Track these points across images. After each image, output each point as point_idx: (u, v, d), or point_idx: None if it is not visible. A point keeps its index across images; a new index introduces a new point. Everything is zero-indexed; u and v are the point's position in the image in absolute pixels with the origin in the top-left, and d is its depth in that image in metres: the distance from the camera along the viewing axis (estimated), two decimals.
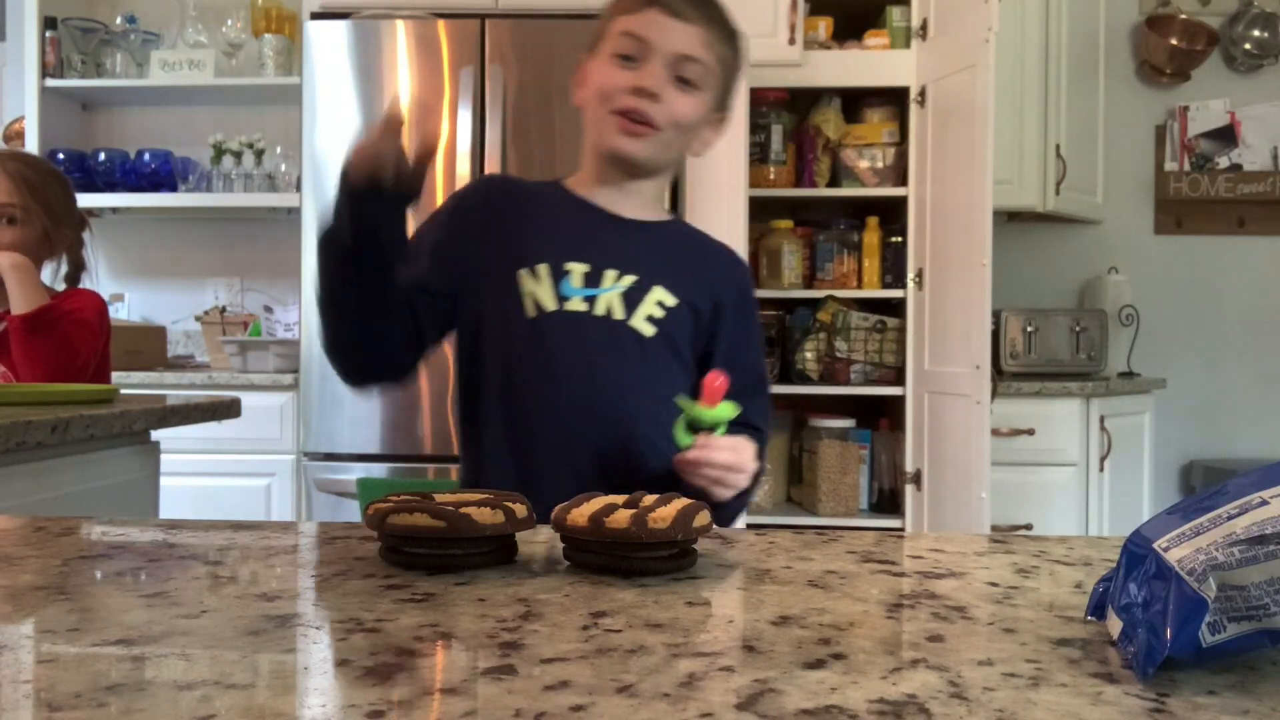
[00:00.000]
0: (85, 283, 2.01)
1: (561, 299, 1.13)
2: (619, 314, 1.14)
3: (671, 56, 1.11)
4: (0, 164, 1.85)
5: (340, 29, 2.71)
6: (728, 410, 1.03)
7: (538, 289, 1.13)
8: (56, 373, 1.76)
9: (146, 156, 3.26)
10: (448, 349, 1.18)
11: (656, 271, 1.16)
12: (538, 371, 1.12)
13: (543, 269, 1.13)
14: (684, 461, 1.04)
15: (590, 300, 1.13)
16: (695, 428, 1.03)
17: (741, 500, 1.13)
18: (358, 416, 2.70)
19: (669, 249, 1.20)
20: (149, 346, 3.14)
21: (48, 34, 3.22)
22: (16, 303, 1.75)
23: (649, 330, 1.14)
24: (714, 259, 1.24)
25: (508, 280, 1.13)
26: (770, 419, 1.26)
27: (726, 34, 1.16)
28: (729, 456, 1.04)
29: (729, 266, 1.25)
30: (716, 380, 1.02)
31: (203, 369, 3.16)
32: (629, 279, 1.15)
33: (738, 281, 1.25)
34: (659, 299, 1.15)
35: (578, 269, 1.14)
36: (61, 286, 1.98)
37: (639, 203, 1.20)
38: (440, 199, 2.80)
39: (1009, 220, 3.34)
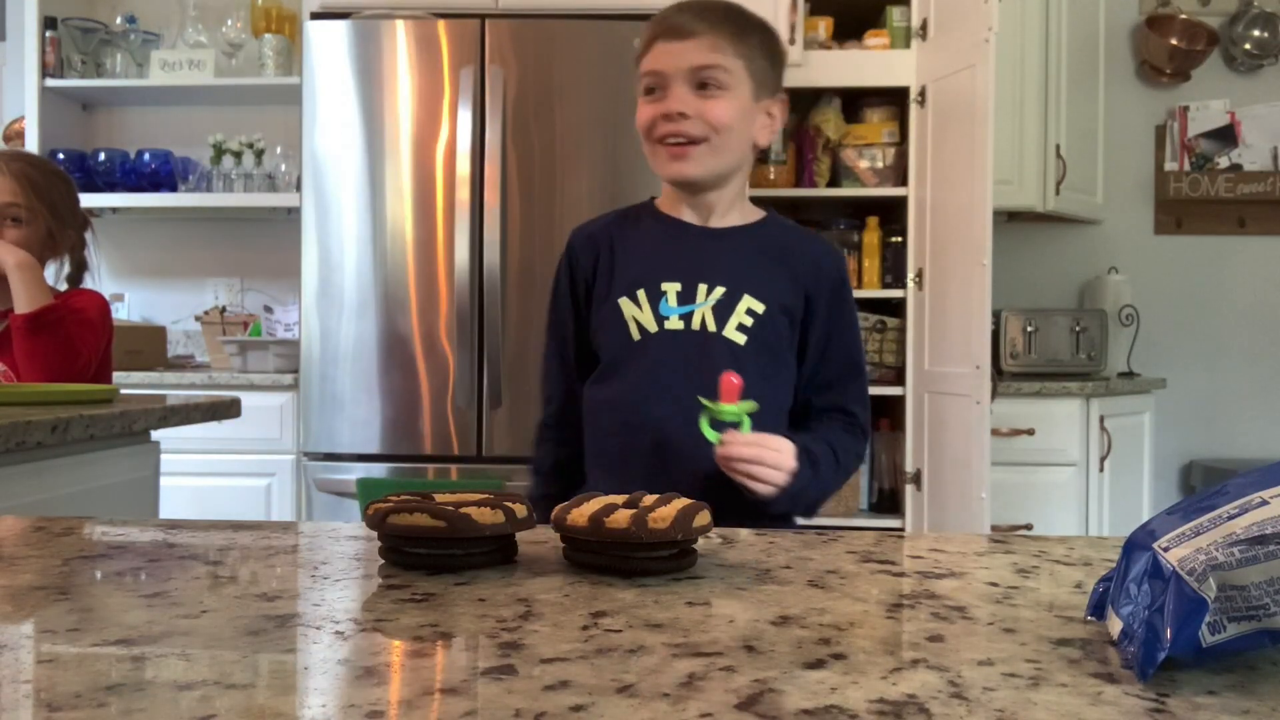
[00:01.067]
0: (88, 283, 2.01)
1: (661, 319, 1.21)
2: (712, 326, 1.20)
3: (686, 74, 1.16)
4: (4, 164, 1.85)
5: (340, 29, 2.72)
6: (746, 406, 1.07)
7: (639, 314, 1.21)
8: (58, 372, 1.76)
9: (146, 156, 3.26)
10: (446, 345, 1.23)
11: (743, 279, 1.21)
12: (647, 387, 1.20)
13: (641, 294, 1.22)
14: (717, 459, 1.09)
15: (686, 317, 1.20)
16: (718, 425, 1.08)
17: (811, 493, 1.18)
18: (358, 416, 2.70)
19: (756, 253, 1.24)
20: (149, 346, 3.14)
21: (48, 34, 3.23)
22: (20, 302, 1.75)
23: (740, 339, 1.20)
24: (803, 254, 1.27)
25: (613, 310, 1.22)
26: (867, 404, 1.31)
27: (737, 28, 1.19)
28: (752, 451, 1.08)
29: (820, 259, 1.28)
30: (732, 379, 1.06)
31: (203, 369, 3.16)
32: (719, 291, 1.20)
33: (830, 273, 1.27)
34: (748, 307, 1.20)
35: (672, 288, 1.21)
36: (64, 287, 1.98)
37: (724, 209, 1.26)
38: (441, 198, 2.80)
39: (1009, 220, 3.34)
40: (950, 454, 2.65)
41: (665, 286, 1.21)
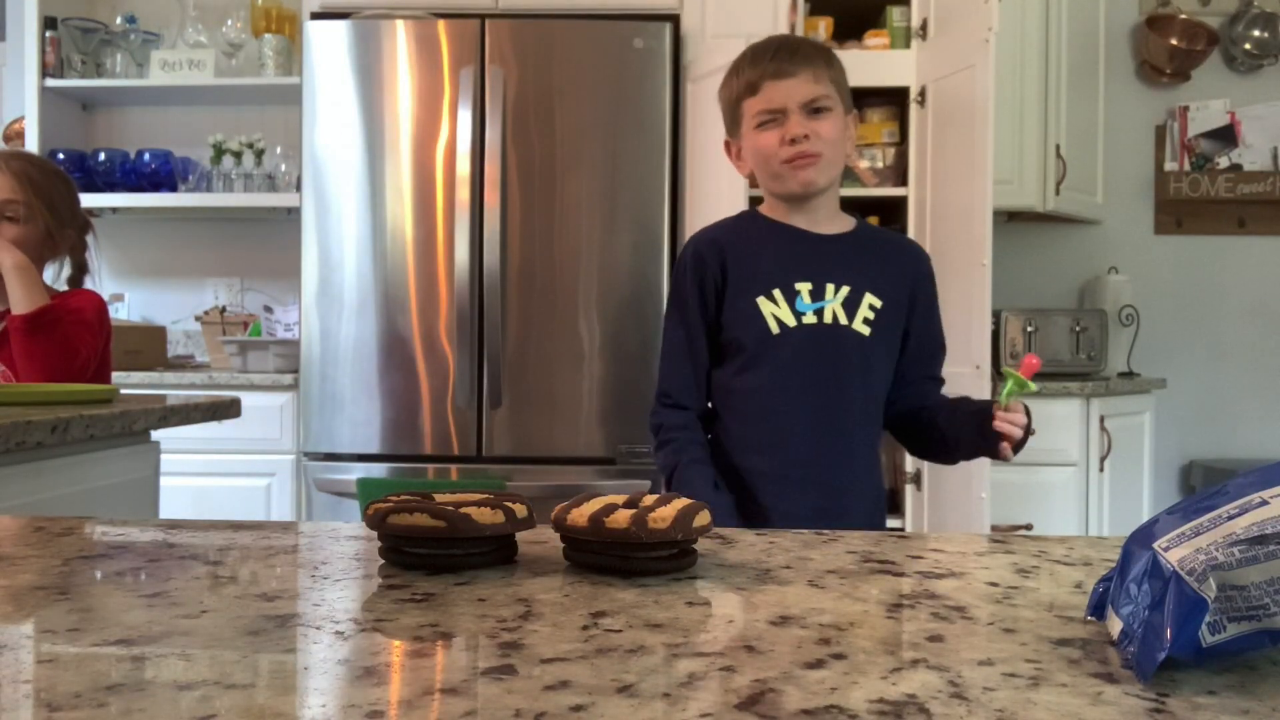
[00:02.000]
0: (88, 285, 2.01)
1: (798, 314, 1.39)
2: (843, 320, 1.40)
3: (800, 105, 1.37)
4: (4, 162, 1.86)
5: (340, 29, 2.72)
6: (1034, 384, 1.29)
7: (777, 310, 1.39)
8: (56, 372, 1.76)
9: (146, 156, 3.26)
10: (446, 345, 1.27)
11: (864, 279, 1.41)
12: (784, 376, 1.38)
13: (777, 292, 1.39)
14: (1003, 420, 1.30)
15: (819, 312, 1.39)
16: (1013, 391, 1.27)
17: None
18: (358, 416, 2.70)
19: (868, 255, 1.44)
20: (149, 346, 3.14)
21: (48, 34, 3.23)
22: (18, 302, 1.75)
23: (866, 330, 1.40)
24: (903, 255, 1.49)
25: (751, 307, 1.39)
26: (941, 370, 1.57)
27: (826, 59, 1.41)
28: (1023, 419, 1.32)
29: (916, 259, 1.51)
30: (1034, 360, 1.27)
31: (203, 369, 3.16)
32: (845, 289, 1.40)
33: (926, 270, 1.51)
34: (870, 302, 1.40)
35: (804, 287, 1.39)
36: (64, 287, 1.98)
37: (826, 216, 1.45)
38: (441, 198, 2.80)
39: (1009, 220, 3.34)
40: None
41: (798, 286, 1.39)
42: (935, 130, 2.76)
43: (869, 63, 2.91)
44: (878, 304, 1.41)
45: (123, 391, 1.73)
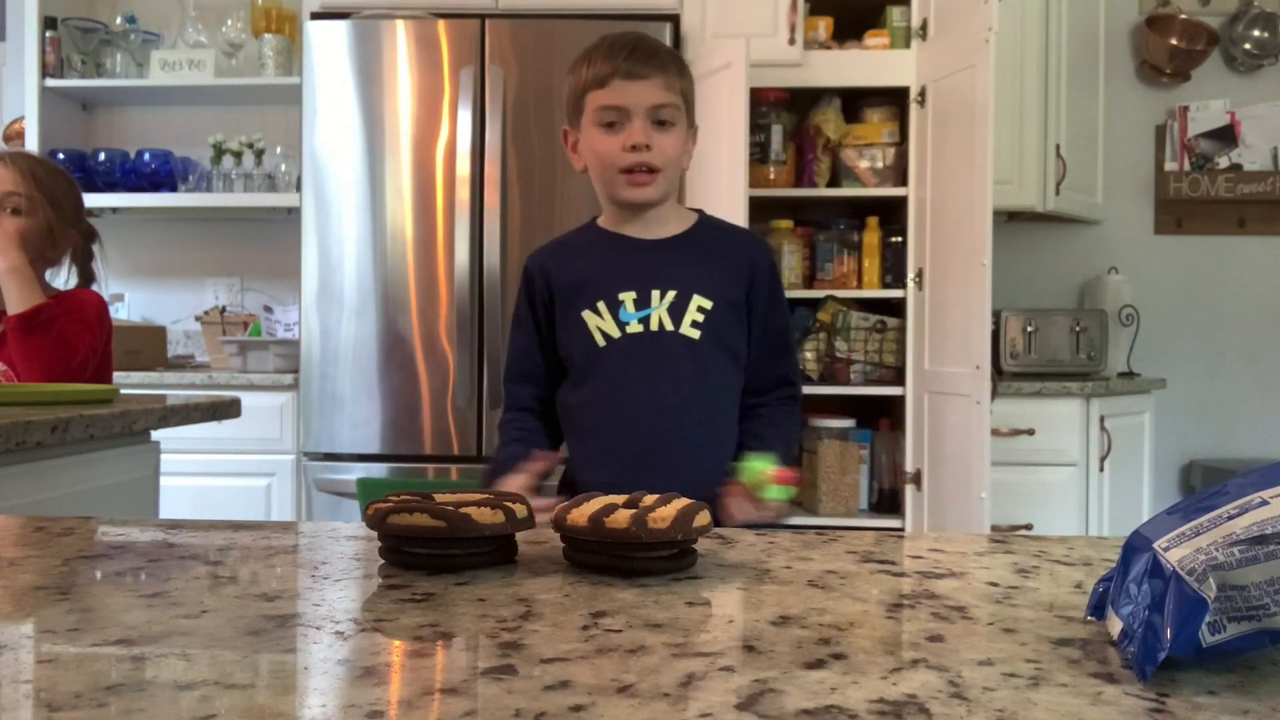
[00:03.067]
0: (92, 288, 2.02)
1: (622, 325, 1.36)
2: (669, 326, 1.36)
3: (646, 110, 1.33)
4: (10, 159, 1.89)
5: (340, 29, 2.72)
6: (787, 494, 1.27)
7: (601, 323, 1.37)
8: (54, 371, 1.76)
9: (146, 156, 3.26)
10: (446, 345, 1.29)
11: (691, 281, 1.38)
12: (614, 387, 1.36)
13: (601, 305, 1.37)
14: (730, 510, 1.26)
15: (644, 320, 1.36)
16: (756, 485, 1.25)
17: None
18: (358, 416, 2.70)
19: (699, 256, 1.41)
20: (149, 346, 3.14)
21: (48, 34, 3.23)
22: (12, 303, 1.76)
23: (695, 334, 1.36)
24: (739, 251, 1.44)
25: (578, 322, 1.38)
26: (799, 371, 1.54)
27: (679, 68, 1.39)
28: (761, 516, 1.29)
29: (753, 253, 1.45)
30: (787, 475, 1.25)
31: (203, 369, 3.16)
32: (671, 294, 1.37)
33: (759, 261, 1.44)
34: (698, 305, 1.37)
35: (628, 296, 1.37)
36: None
37: (660, 222, 1.42)
38: (441, 198, 2.79)
39: (1009, 220, 3.34)
40: (950, 454, 2.65)
41: (622, 296, 1.37)
42: (935, 130, 2.76)
43: (869, 63, 2.91)
44: (707, 305, 1.37)
45: (123, 391, 1.73)
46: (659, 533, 0.61)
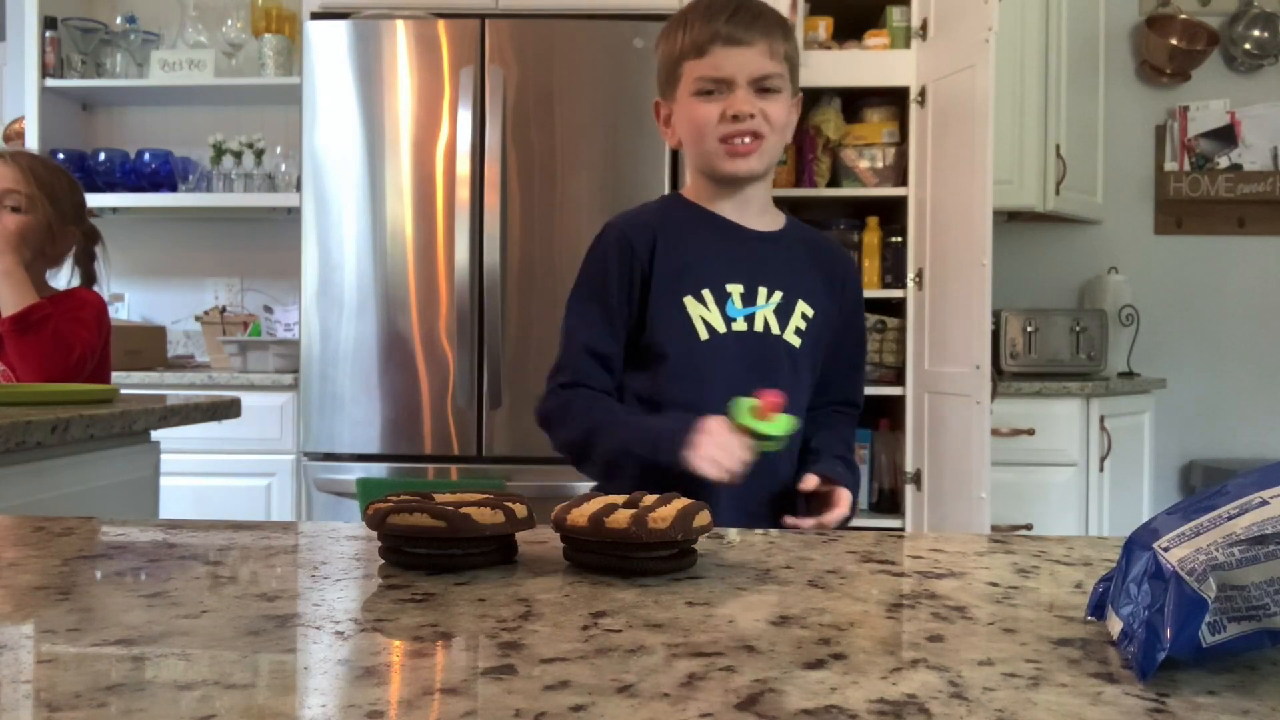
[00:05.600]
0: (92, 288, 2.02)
1: (728, 320, 1.25)
2: (775, 329, 1.27)
3: (750, 79, 1.21)
4: (11, 157, 1.90)
5: (340, 29, 2.72)
6: (786, 426, 1.13)
7: (706, 314, 1.24)
8: (50, 370, 1.77)
9: (146, 156, 3.26)
10: (446, 345, 1.22)
11: (797, 285, 1.29)
12: (713, 386, 1.22)
13: (707, 293, 1.25)
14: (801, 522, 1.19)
15: (749, 318, 1.26)
16: (754, 434, 1.12)
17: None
18: (358, 416, 2.70)
19: (800, 259, 1.32)
20: (149, 346, 3.14)
21: (48, 34, 3.22)
22: (6, 305, 1.77)
23: (797, 341, 1.28)
24: (836, 263, 1.37)
25: (676, 306, 1.24)
26: (863, 392, 1.45)
27: (784, 32, 1.25)
28: (840, 513, 1.21)
29: (847, 268, 1.39)
30: (775, 398, 1.11)
31: (203, 369, 3.16)
32: (778, 295, 1.27)
33: (854, 282, 1.40)
34: (803, 311, 1.28)
35: (736, 290, 1.26)
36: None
37: (759, 208, 1.31)
38: (441, 198, 2.79)
39: (1009, 220, 3.34)
40: (950, 454, 2.65)
41: (730, 288, 1.25)
42: (935, 130, 2.76)
43: (869, 63, 2.91)
44: (810, 313, 1.28)
45: (123, 391, 1.73)
46: (659, 533, 0.61)
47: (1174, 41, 3.44)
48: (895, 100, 2.95)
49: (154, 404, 1.60)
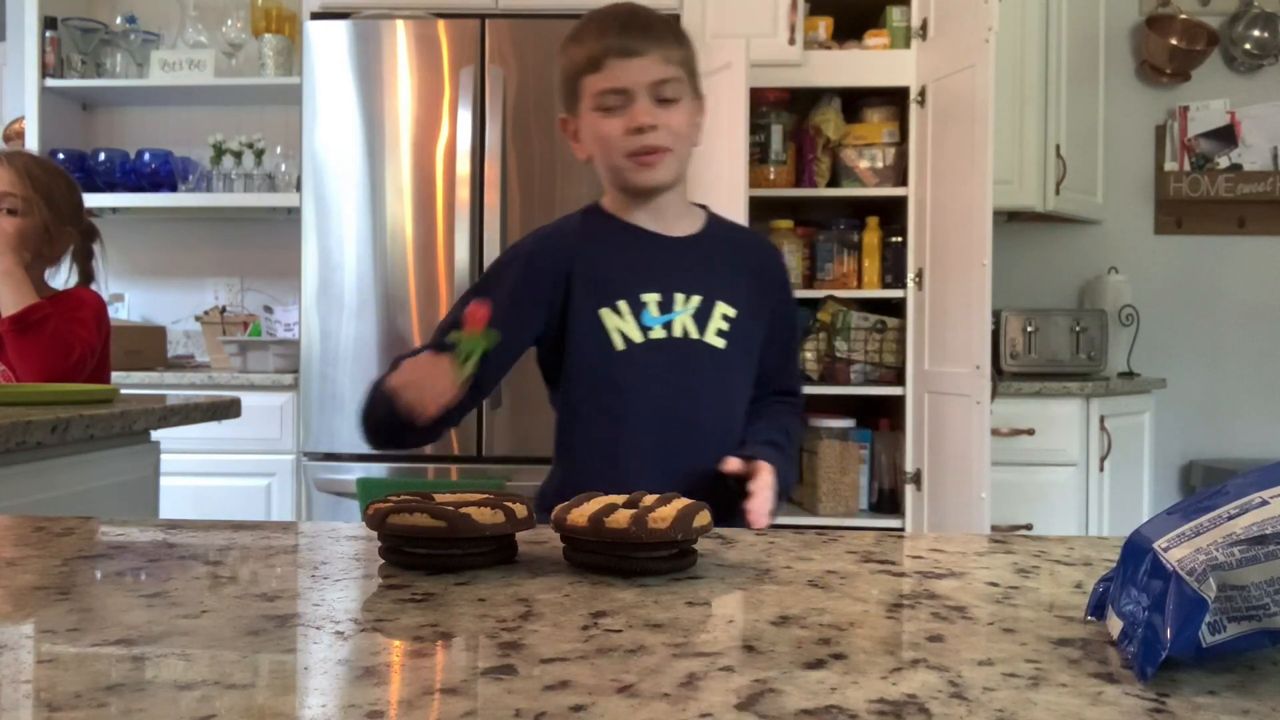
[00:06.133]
0: (91, 288, 2.02)
1: (645, 329, 1.26)
2: (694, 333, 1.27)
3: (648, 88, 1.23)
4: (7, 158, 1.90)
5: (340, 29, 2.72)
6: (488, 340, 1.07)
7: (622, 324, 1.26)
8: (50, 370, 1.77)
9: (146, 156, 3.26)
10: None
11: (715, 287, 1.29)
12: (635, 395, 1.25)
13: (623, 304, 1.26)
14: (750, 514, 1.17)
15: (668, 326, 1.26)
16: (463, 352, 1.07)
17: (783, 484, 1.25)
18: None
19: (719, 259, 1.32)
20: (149, 346, 3.14)
21: (48, 34, 3.22)
22: (6, 305, 1.77)
23: (720, 343, 1.28)
24: (758, 256, 1.37)
25: (592, 320, 1.26)
26: (800, 380, 1.47)
27: (677, 38, 1.27)
28: (764, 482, 1.19)
29: (771, 259, 1.40)
30: (478, 312, 1.06)
31: (203, 369, 3.16)
32: (695, 299, 1.28)
33: (780, 272, 1.39)
34: (723, 312, 1.28)
35: (652, 299, 1.26)
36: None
37: (674, 213, 1.32)
38: (441, 198, 2.78)
39: (1009, 220, 3.34)
40: (950, 454, 2.65)
41: (645, 297, 1.26)
42: (935, 130, 2.76)
43: (869, 63, 2.91)
44: (731, 313, 1.28)
45: (123, 391, 1.73)
46: (659, 533, 0.61)
47: (1174, 41, 3.44)
48: (895, 100, 2.95)
49: (154, 404, 1.60)
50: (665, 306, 1.26)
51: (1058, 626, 0.52)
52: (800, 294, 3.01)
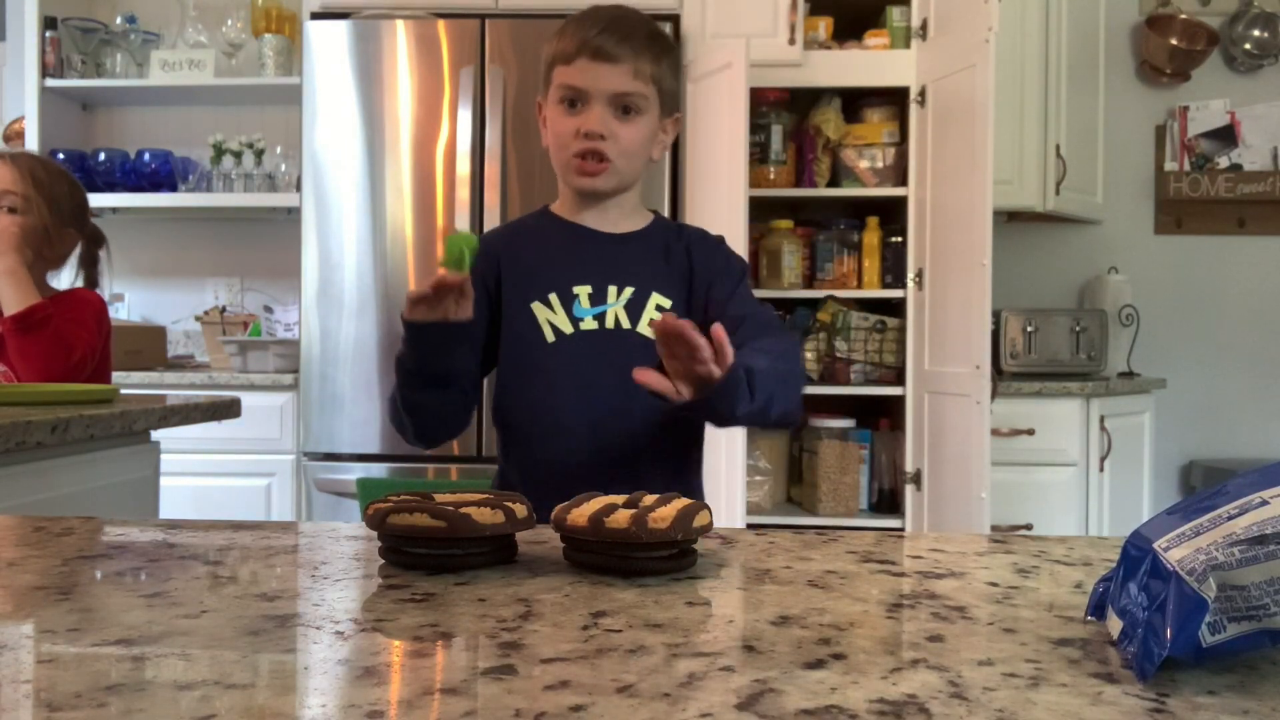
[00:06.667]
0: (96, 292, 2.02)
1: (575, 321, 1.26)
2: (626, 324, 1.26)
3: (608, 97, 1.22)
4: (13, 158, 1.90)
5: (340, 29, 2.72)
6: (470, 240, 1.10)
7: (553, 317, 1.26)
8: (51, 370, 1.77)
9: (146, 156, 3.26)
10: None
11: (650, 279, 1.28)
12: (566, 387, 1.25)
13: (553, 297, 1.26)
14: (658, 329, 1.05)
15: (599, 317, 1.27)
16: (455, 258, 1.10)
17: (763, 384, 1.12)
18: (357, 416, 2.70)
19: (659, 254, 1.32)
20: (149, 346, 3.14)
21: (48, 34, 3.22)
22: (7, 304, 1.77)
23: (652, 333, 1.19)
24: (697, 249, 1.33)
25: (524, 313, 1.26)
26: (778, 320, 1.35)
27: (655, 54, 1.25)
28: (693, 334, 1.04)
29: (710, 251, 1.34)
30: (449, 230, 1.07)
31: (203, 369, 3.16)
32: (628, 290, 1.27)
33: (720, 259, 1.34)
34: (657, 303, 1.27)
35: (583, 291, 1.27)
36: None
37: (619, 214, 1.32)
38: (441, 198, 2.78)
39: (1009, 220, 3.34)
40: (950, 454, 2.65)
41: (577, 289, 1.27)
42: (935, 130, 2.76)
43: (869, 63, 2.91)
44: (665, 304, 1.27)
45: (123, 391, 1.73)
46: (659, 533, 0.61)
47: (1174, 41, 3.44)
48: (895, 100, 2.95)
49: (154, 404, 1.60)
50: (597, 298, 1.27)
51: (1058, 626, 0.52)
52: (800, 294, 3.01)
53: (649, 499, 0.66)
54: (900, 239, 2.92)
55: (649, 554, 0.62)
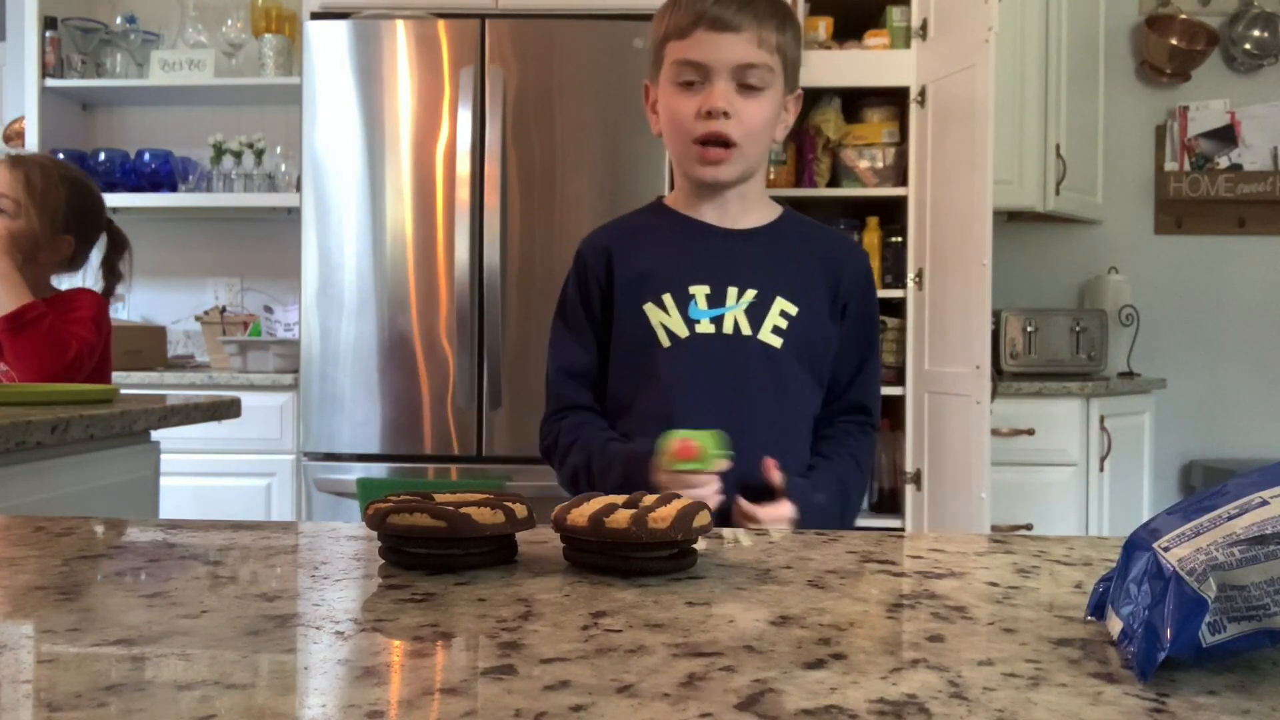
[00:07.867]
0: (93, 289, 2.02)
1: (691, 323, 1.17)
2: (746, 330, 1.17)
3: (731, 70, 1.13)
4: (14, 162, 1.90)
5: (340, 29, 2.72)
6: (712, 452, 1.05)
7: (667, 319, 1.18)
8: (48, 369, 1.77)
9: (146, 156, 3.26)
10: (446, 345, 1.21)
11: (775, 281, 1.18)
12: (681, 395, 1.16)
13: (668, 298, 1.18)
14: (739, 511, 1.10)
15: (717, 320, 1.17)
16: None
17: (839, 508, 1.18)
18: (357, 416, 2.70)
19: (785, 253, 1.22)
20: (149, 346, 3.14)
21: (48, 34, 3.23)
22: (1, 304, 1.78)
23: (776, 342, 1.17)
24: (833, 254, 1.24)
25: (637, 315, 1.18)
26: (879, 396, 1.30)
27: (777, 22, 1.15)
28: (774, 514, 1.11)
29: (848, 260, 1.25)
30: (679, 447, 1.04)
31: (203, 369, 3.16)
32: (750, 294, 1.18)
33: (859, 275, 1.25)
34: (782, 309, 1.18)
35: (700, 291, 1.18)
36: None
37: (742, 207, 1.23)
38: (441, 198, 2.79)
39: (1009, 220, 3.34)
40: (950, 454, 2.65)
41: (693, 290, 1.18)
42: (935, 130, 2.76)
43: (869, 63, 2.91)
44: (792, 310, 1.17)
45: (123, 391, 1.73)
46: (659, 533, 0.61)
47: (1174, 41, 3.44)
48: (895, 100, 2.95)
49: (154, 404, 1.60)
50: (715, 300, 1.17)
51: (1058, 626, 0.52)
52: None
53: (649, 499, 0.66)
54: (900, 239, 2.92)
55: (649, 554, 0.62)
